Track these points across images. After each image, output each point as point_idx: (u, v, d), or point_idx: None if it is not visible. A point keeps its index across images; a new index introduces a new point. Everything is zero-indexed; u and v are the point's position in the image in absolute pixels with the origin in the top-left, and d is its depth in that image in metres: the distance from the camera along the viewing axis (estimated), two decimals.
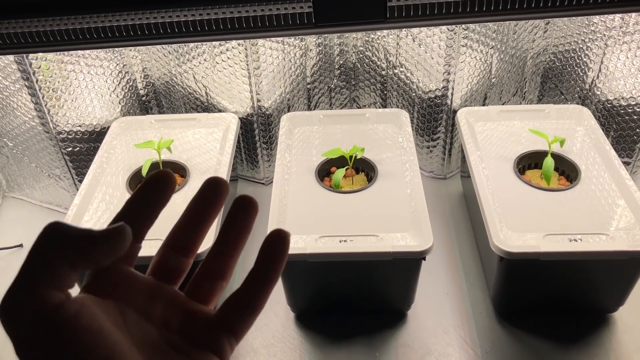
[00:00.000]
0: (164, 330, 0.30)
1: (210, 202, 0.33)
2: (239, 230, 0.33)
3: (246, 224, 0.33)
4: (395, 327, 0.79)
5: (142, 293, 0.31)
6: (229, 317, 0.31)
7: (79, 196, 0.80)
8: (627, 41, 0.85)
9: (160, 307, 0.31)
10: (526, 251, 0.68)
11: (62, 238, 0.27)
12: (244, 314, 0.31)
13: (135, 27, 0.65)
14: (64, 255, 0.26)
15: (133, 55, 0.93)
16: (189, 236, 0.33)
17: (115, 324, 0.28)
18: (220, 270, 0.33)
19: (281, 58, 0.91)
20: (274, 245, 0.32)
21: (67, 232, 0.27)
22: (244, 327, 0.31)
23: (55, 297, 0.26)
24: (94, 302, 0.28)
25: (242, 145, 1.02)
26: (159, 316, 0.31)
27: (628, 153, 0.95)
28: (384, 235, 0.71)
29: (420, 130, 1.00)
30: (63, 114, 0.90)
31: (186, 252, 0.33)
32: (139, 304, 0.30)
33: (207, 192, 0.33)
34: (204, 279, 0.33)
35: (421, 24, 0.63)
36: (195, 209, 0.33)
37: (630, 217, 0.73)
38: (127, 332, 0.28)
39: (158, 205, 0.31)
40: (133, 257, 0.31)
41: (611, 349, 0.75)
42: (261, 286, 0.31)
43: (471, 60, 0.91)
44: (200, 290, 0.33)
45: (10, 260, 0.94)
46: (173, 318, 0.31)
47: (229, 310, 0.32)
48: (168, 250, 0.33)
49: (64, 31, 0.66)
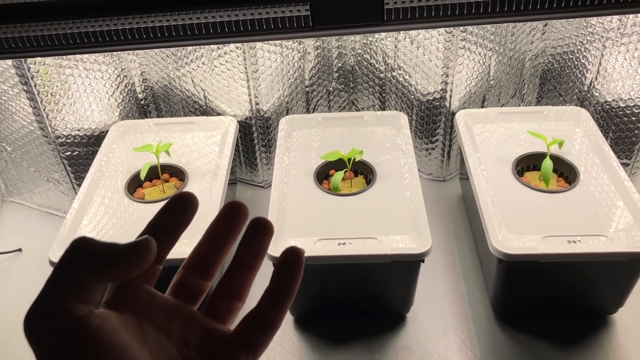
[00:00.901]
0: (182, 348, 0.31)
1: (230, 226, 0.33)
2: (255, 252, 0.34)
3: (262, 245, 0.34)
4: (395, 329, 0.79)
5: (161, 311, 0.31)
6: (247, 335, 0.32)
7: (78, 200, 0.80)
8: (625, 42, 0.86)
9: (179, 325, 0.31)
10: (525, 253, 0.68)
11: (89, 251, 0.27)
12: (262, 331, 0.32)
13: (132, 31, 0.66)
14: (91, 267, 0.27)
15: (131, 59, 0.93)
16: (208, 259, 0.34)
17: (135, 339, 0.28)
18: (236, 291, 0.34)
19: (279, 61, 0.91)
20: (289, 263, 0.32)
21: (94, 245, 0.27)
22: (261, 344, 0.32)
23: (79, 310, 0.26)
24: (116, 318, 0.28)
25: (241, 149, 1.02)
26: (178, 334, 0.31)
27: (627, 154, 0.95)
28: (383, 237, 0.71)
29: (419, 132, 1.00)
30: (62, 118, 0.91)
31: (205, 274, 0.34)
32: (159, 321, 0.31)
33: (228, 215, 0.33)
34: (221, 299, 0.33)
35: (419, 27, 0.63)
36: (216, 232, 0.34)
37: (629, 219, 0.73)
38: (147, 348, 0.29)
39: (180, 227, 0.32)
40: (153, 278, 0.32)
41: (611, 350, 0.75)
42: (278, 304, 0.32)
43: (469, 63, 0.91)
44: (216, 310, 0.33)
45: (9, 265, 0.94)
46: (192, 336, 0.31)
47: (246, 328, 0.32)
48: (188, 271, 0.33)
49: (62, 35, 0.66)
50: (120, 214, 0.79)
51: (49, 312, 0.26)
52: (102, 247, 0.27)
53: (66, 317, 0.26)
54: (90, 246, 0.27)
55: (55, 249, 0.73)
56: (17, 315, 0.92)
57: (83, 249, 0.27)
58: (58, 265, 0.27)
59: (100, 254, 0.27)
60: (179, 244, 0.33)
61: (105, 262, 0.27)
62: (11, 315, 0.85)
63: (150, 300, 0.31)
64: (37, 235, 0.99)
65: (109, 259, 0.27)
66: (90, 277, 0.27)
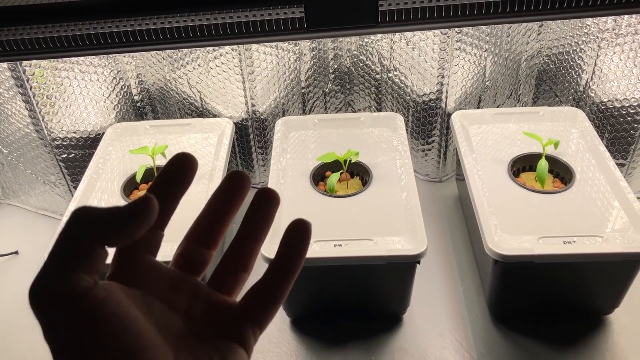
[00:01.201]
0: (188, 320, 0.30)
1: (233, 195, 0.33)
2: (261, 223, 0.33)
3: (268, 216, 0.33)
4: (391, 331, 0.79)
5: (166, 283, 0.31)
6: (253, 308, 0.32)
7: (74, 202, 0.80)
8: (620, 43, 0.86)
9: (184, 297, 0.31)
10: (521, 254, 0.68)
11: (90, 217, 0.27)
12: (267, 304, 0.32)
13: (128, 33, 0.66)
14: (94, 233, 0.26)
15: (127, 61, 0.93)
16: (211, 229, 0.33)
17: (141, 312, 0.28)
18: (242, 262, 0.33)
19: (275, 63, 0.91)
20: (295, 235, 0.32)
21: (94, 211, 0.27)
22: (267, 317, 0.32)
23: (84, 281, 0.26)
24: (121, 290, 0.28)
25: (237, 150, 1.02)
26: (183, 306, 0.31)
27: (622, 155, 0.95)
28: (379, 239, 0.71)
29: (415, 133, 1.00)
30: (57, 120, 0.90)
31: (209, 244, 0.33)
32: (164, 293, 0.30)
33: (230, 185, 0.33)
34: (227, 271, 0.33)
35: (413, 28, 0.63)
36: (218, 201, 0.33)
37: (625, 219, 0.73)
38: (153, 321, 0.28)
39: (180, 189, 0.31)
40: (156, 247, 0.31)
41: (607, 350, 0.75)
42: (283, 276, 0.32)
43: (465, 64, 0.91)
44: (223, 282, 0.33)
45: (5, 267, 0.94)
46: (197, 308, 0.31)
47: (252, 301, 0.32)
48: (191, 242, 0.33)
49: (57, 38, 0.66)
50: None
51: (53, 285, 0.25)
52: (103, 212, 0.27)
53: (71, 289, 0.25)
54: (91, 213, 0.27)
55: None
56: (14, 317, 0.92)
57: (84, 217, 0.26)
58: (60, 235, 0.26)
59: (102, 218, 0.27)
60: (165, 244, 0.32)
61: (107, 226, 0.27)
62: (8, 317, 0.85)
63: (154, 273, 0.31)
64: (34, 238, 0.99)
65: (111, 223, 0.27)
66: (93, 244, 0.26)
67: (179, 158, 0.31)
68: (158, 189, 0.31)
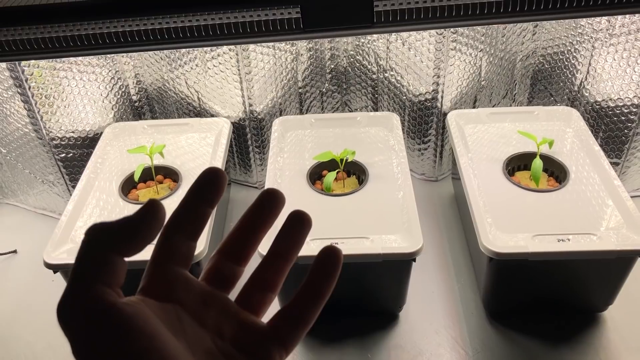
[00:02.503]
0: (216, 338, 0.30)
1: (266, 213, 0.34)
2: (293, 244, 0.34)
3: (300, 238, 0.34)
4: (387, 328, 0.79)
5: (196, 298, 0.31)
6: (281, 330, 0.32)
7: (72, 202, 0.81)
8: (614, 43, 0.87)
9: (213, 314, 0.31)
10: (515, 252, 0.69)
11: (103, 231, 0.28)
12: (297, 327, 0.32)
13: (126, 33, 0.66)
14: (110, 244, 0.27)
15: (125, 61, 0.94)
16: (243, 244, 0.34)
17: (170, 327, 0.28)
18: (271, 282, 0.34)
19: (272, 63, 0.92)
20: (327, 261, 0.32)
21: (106, 225, 0.28)
22: (295, 340, 0.32)
23: (109, 296, 0.26)
24: (150, 305, 0.28)
25: (235, 150, 1.03)
26: (212, 323, 0.31)
27: (617, 154, 0.96)
28: (375, 237, 0.72)
29: (412, 133, 1.01)
30: (56, 120, 0.91)
31: (239, 260, 0.34)
32: (194, 308, 0.30)
33: (264, 202, 0.34)
34: (255, 290, 0.33)
35: (408, 28, 0.64)
36: (252, 218, 0.34)
37: (619, 218, 0.74)
38: (182, 337, 0.28)
39: (210, 203, 0.32)
40: (189, 259, 0.32)
41: (601, 347, 0.76)
42: (314, 301, 0.32)
43: (460, 64, 0.91)
44: (251, 300, 0.33)
45: (4, 266, 0.94)
46: (226, 326, 0.31)
47: (281, 323, 0.32)
48: (222, 257, 0.33)
49: (56, 38, 0.67)
50: (114, 215, 0.80)
51: (79, 300, 0.26)
52: (115, 224, 0.28)
53: (97, 303, 0.26)
54: (104, 227, 0.28)
55: (50, 250, 0.73)
56: (13, 316, 0.93)
57: (98, 232, 0.27)
58: (79, 253, 0.27)
59: (115, 229, 0.28)
60: None
61: (121, 236, 0.28)
62: (7, 316, 0.85)
63: (185, 286, 0.31)
64: (32, 237, 0.99)
65: (124, 232, 0.28)
66: (111, 255, 0.27)
67: (210, 173, 0.32)
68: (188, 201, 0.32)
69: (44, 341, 0.80)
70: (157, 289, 0.30)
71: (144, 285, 0.30)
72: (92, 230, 0.28)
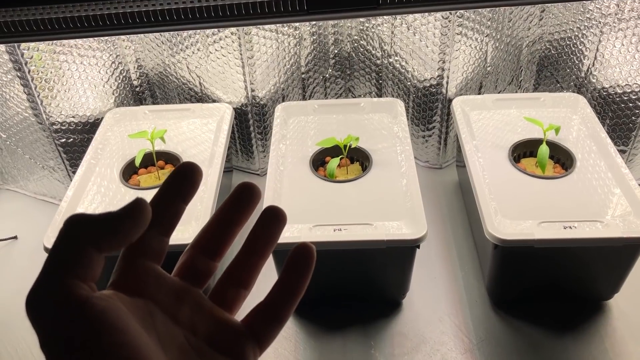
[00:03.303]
0: (190, 334, 0.30)
1: (242, 207, 0.33)
2: (267, 241, 0.33)
3: (274, 234, 0.34)
4: (390, 315, 0.79)
5: (169, 293, 0.30)
6: (256, 328, 0.32)
7: (72, 188, 0.80)
8: (623, 28, 0.85)
9: (187, 309, 0.31)
10: (521, 238, 0.68)
11: (83, 223, 0.26)
12: (271, 325, 0.32)
13: (126, 15, 0.65)
14: (88, 239, 0.26)
15: (126, 45, 0.92)
16: (218, 239, 0.33)
17: (142, 323, 0.27)
18: (244, 279, 0.33)
19: (275, 47, 0.91)
20: (300, 259, 0.32)
21: (87, 218, 0.27)
22: (269, 338, 0.32)
23: (81, 290, 0.25)
24: (122, 300, 0.27)
25: (237, 136, 1.02)
26: (185, 319, 0.30)
27: (624, 141, 0.94)
28: (378, 223, 0.71)
29: (416, 119, 1.00)
30: (56, 104, 0.90)
31: (214, 255, 0.33)
32: (167, 304, 0.30)
33: (240, 196, 0.33)
34: (229, 287, 0.33)
35: (413, 10, 0.63)
36: (227, 212, 0.33)
37: (626, 205, 0.73)
38: (154, 333, 0.28)
39: (184, 199, 0.31)
40: (161, 254, 0.31)
41: (606, 336, 0.75)
42: (288, 299, 0.32)
43: (466, 49, 0.90)
44: (224, 297, 0.33)
45: (4, 252, 0.94)
46: (199, 322, 0.31)
47: (255, 321, 0.32)
48: (196, 251, 0.33)
49: (55, 20, 0.66)
50: (115, 201, 0.79)
51: (50, 293, 0.25)
52: (96, 217, 0.27)
53: (68, 297, 0.25)
54: (84, 219, 0.26)
55: (50, 236, 0.73)
56: (13, 302, 0.92)
57: (78, 224, 0.26)
58: (55, 244, 0.26)
59: (95, 223, 0.26)
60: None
61: (101, 231, 0.26)
62: (7, 302, 0.85)
63: (158, 282, 0.30)
64: (33, 223, 0.99)
65: (105, 227, 0.27)
66: (88, 250, 0.26)
67: (185, 167, 0.31)
68: (163, 196, 0.31)
69: None
70: (128, 284, 0.29)
71: (114, 280, 0.29)
72: (72, 222, 0.26)
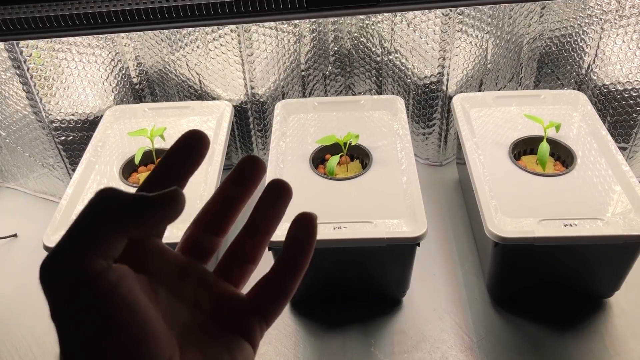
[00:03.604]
0: (194, 311, 0.29)
1: (246, 181, 0.32)
2: (272, 215, 0.32)
3: (279, 208, 0.32)
4: (390, 313, 0.79)
5: (173, 269, 0.30)
6: (261, 302, 0.31)
7: (72, 186, 0.80)
8: (624, 25, 0.85)
9: (190, 285, 0.30)
10: (521, 236, 0.68)
11: (115, 201, 0.25)
12: (276, 298, 0.31)
13: (125, 12, 0.65)
14: (117, 220, 0.25)
15: (125, 43, 0.92)
16: (222, 215, 0.32)
17: (148, 299, 0.27)
18: (250, 254, 0.32)
19: (275, 45, 0.90)
20: (302, 230, 0.31)
21: (120, 196, 0.25)
22: (275, 311, 0.31)
23: (99, 265, 0.24)
24: (131, 275, 0.26)
25: (237, 134, 1.01)
26: (189, 295, 0.30)
27: (625, 138, 0.94)
28: (379, 221, 0.71)
29: (416, 117, 0.99)
30: (55, 102, 0.90)
31: (218, 231, 0.32)
32: (171, 281, 0.29)
33: (244, 170, 0.32)
34: (235, 262, 0.32)
35: (414, 8, 0.62)
36: (231, 186, 0.32)
37: (626, 203, 0.72)
38: (159, 309, 0.27)
39: (189, 170, 0.30)
40: (163, 230, 0.30)
41: (606, 333, 0.75)
42: (292, 271, 0.31)
43: (466, 46, 0.90)
44: (229, 272, 0.32)
45: (4, 250, 0.94)
46: (204, 299, 0.30)
47: (260, 295, 0.31)
48: (200, 227, 0.32)
49: (54, 17, 0.65)
50: None
51: (67, 264, 0.24)
52: (129, 198, 0.25)
53: (83, 271, 0.24)
54: (117, 197, 0.25)
55: (50, 234, 0.73)
56: (12, 300, 0.92)
57: (109, 200, 0.25)
58: (82, 215, 0.25)
59: (128, 205, 0.25)
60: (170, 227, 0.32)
61: (132, 215, 0.25)
62: (7, 300, 0.85)
63: (162, 258, 0.29)
64: (33, 221, 0.99)
65: (137, 212, 0.25)
66: (115, 231, 0.25)
67: (191, 135, 0.30)
68: (167, 166, 0.29)
69: (45, 325, 0.79)
70: (131, 259, 0.28)
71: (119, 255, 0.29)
72: (103, 196, 0.25)
